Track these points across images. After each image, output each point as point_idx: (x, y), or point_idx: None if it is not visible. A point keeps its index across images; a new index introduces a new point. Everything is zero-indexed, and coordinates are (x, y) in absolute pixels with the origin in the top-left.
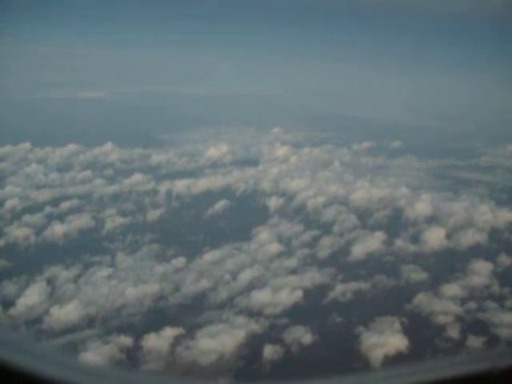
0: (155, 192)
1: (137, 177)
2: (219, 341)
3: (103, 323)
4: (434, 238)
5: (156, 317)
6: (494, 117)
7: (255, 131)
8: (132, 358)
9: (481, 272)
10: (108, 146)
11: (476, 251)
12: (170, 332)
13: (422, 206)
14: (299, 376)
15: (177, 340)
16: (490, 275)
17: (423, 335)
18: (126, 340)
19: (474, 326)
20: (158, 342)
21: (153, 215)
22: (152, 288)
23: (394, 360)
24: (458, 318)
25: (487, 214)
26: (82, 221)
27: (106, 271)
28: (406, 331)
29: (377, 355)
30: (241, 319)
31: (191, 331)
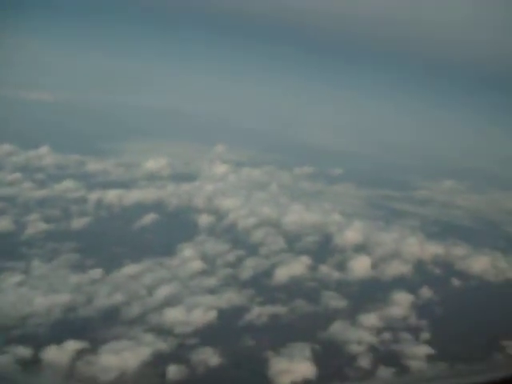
0: (84, 200)
1: (68, 183)
2: (122, 358)
3: (4, 332)
4: (360, 266)
5: (62, 328)
6: (435, 152)
7: (199, 147)
8: (28, 370)
9: (401, 303)
10: (44, 149)
11: (399, 282)
12: (72, 345)
13: (352, 234)
14: None
15: (79, 354)
16: (409, 307)
17: (333, 363)
18: (25, 351)
19: (386, 356)
20: (58, 355)
21: (78, 224)
22: (63, 298)
23: None
24: (372, 348)
25: (415, 246)
26: (2, 224)
27: (17, 278)
28: (316, 359)
29: (283, 381)
30: (149, 337)
31: (95, 346)
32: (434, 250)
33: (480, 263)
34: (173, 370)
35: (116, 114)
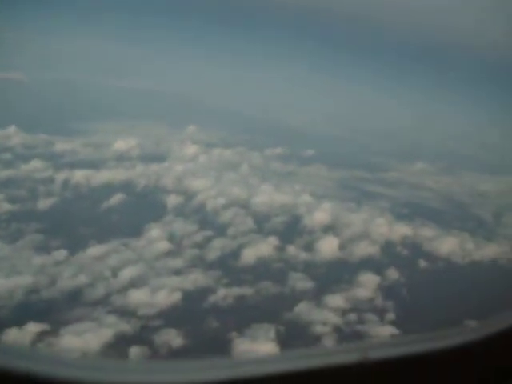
0: (52, 180)
1: (35, 163)
2: (84, 339)
3: None
4: (327, 247)
5: (24, 311)
6: (410, 136)
7: (170, 128)
8: None
9: (367, 284)
10: (11, 129)
11: (366, 263)
12: (33, 327)
13: (321, 215)
14: None
15: (40, 336)
16: (375, 288)
17: (296, 344)
18: None
19: (351, 337)
20: (19, 337)
21: (44, 204)
22: (25, 280)
23: None
24: (336, 329)
25: (383, 227)
26: None
27: None
28: (280, 340)
29: None
30: (112, 318)
31: (57, 328)
32: (402, 231)
33: (448, 245)
34: (135, 352)
35: (88, 95)
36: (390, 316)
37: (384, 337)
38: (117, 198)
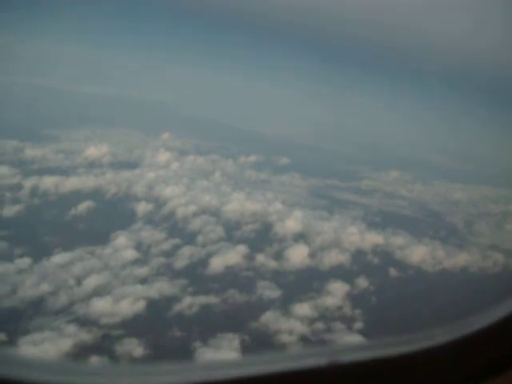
0: (19, 187)
1: (2, 169)
2: (41, 349)
3: None
4: (297, 255)
5: None
6: (385, 144)
7: (145, 135)
8: None
9: (336, 293)
10: None
11: (336, 272)
12: None
13: (292, 223)
14: None
15: None
16: (344, 297)
17: (262, 353)
18: None
19: (317, 345)
20: None
21: (9, 211)
22: None
23: None
24: (302, 338)
25: (355, 236)
26: None
27: None
28: (244, 349)
29: None
30: (72, 328)
31: (14, 338)
32: (374, 239)
33: (419, 253)
34: (94, 361)
35: (61, 101)
36: (359, 325)
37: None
38: (85, 206)
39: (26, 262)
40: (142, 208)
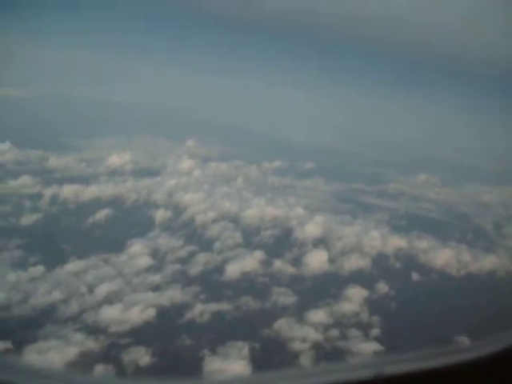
0: (40, 196)
1: (24, 179)
2: (47, 358)
3: None
4: (316, 261)
5: None
6: (412, 147)
7: (169, 142)
8: None
9: (353, 299)
10: (5, 145)
11: (356, 277)
12: None
13: (313, 228)
14: None
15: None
16: (362, 302)
17: (271, 362)
18: None
19: (330, 354)
20: None
21: (27, 220)
22: None
23: None
24: (316, 346)
25: (377, 240)
26: None
27: None
28: (254, 358)
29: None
30: (79, 336)
31: (20, 346)
32: (397, 243)
33: (443, 257)
34: (99, 370)
35: (85, 110)
36: (376, 332)
37: (397, 353)
38: (103, 213)
39: (39, 270)
40: (161, 215)
